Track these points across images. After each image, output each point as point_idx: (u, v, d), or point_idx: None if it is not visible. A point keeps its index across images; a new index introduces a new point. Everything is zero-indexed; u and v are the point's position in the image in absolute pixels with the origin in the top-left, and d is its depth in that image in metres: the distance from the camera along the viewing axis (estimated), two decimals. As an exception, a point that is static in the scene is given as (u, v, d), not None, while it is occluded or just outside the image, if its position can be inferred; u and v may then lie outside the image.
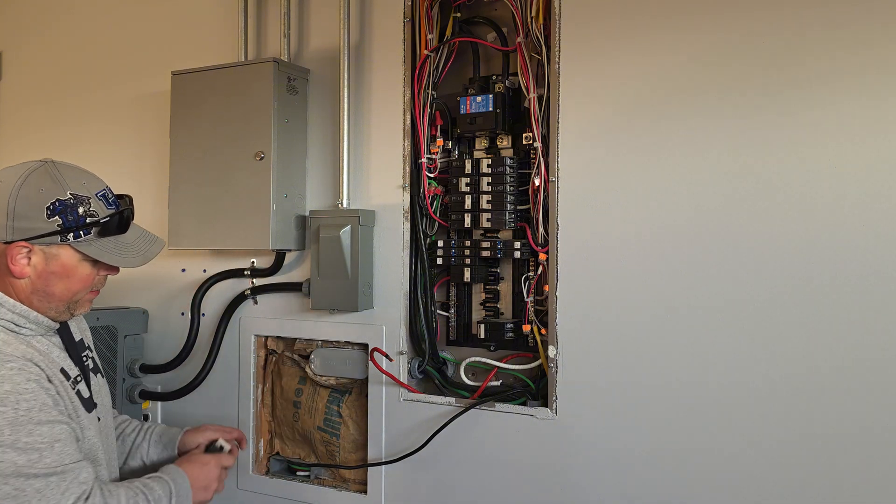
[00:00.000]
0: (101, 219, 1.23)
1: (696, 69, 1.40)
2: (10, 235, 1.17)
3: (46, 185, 1.19)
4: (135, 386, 1.95)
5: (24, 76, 2.38)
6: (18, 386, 1.09)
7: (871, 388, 1.26)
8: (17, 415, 1.08)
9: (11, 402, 1.08)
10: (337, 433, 1.81)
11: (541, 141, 1.55)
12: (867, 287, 1.26)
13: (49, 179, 1.19)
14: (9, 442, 1.06)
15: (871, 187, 1.26)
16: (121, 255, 1.26)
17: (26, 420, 1.08)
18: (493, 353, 1.66)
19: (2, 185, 1.18)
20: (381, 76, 1.74)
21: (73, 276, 1.23)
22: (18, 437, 1.07)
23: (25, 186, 1.17)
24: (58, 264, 1.21)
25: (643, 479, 1.43)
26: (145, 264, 1.30)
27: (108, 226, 1.24)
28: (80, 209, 1.20)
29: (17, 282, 1.20)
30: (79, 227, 1.20)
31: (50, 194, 1.18)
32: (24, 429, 1.08)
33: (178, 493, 1.31)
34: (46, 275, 1.21)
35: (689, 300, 1.40)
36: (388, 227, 1.72)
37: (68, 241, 1.20)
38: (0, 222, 1.17)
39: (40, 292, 1.22)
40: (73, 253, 1.22)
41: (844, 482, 1.28)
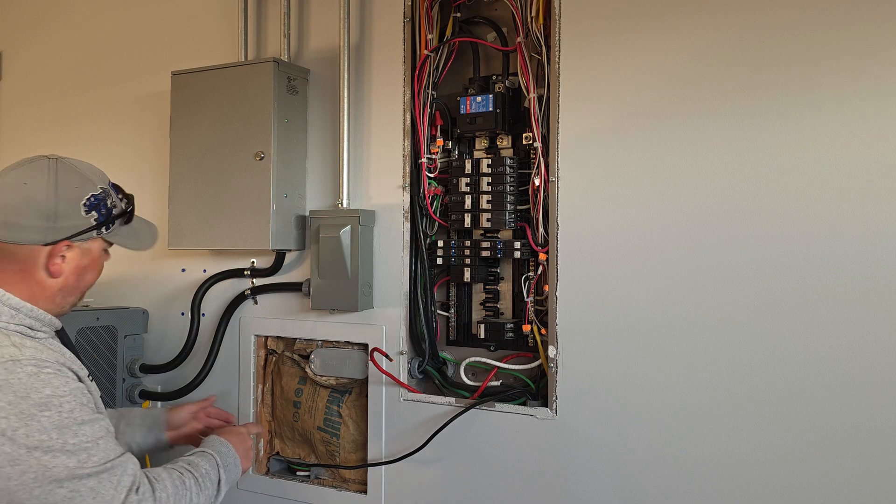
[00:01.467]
0: (126, 209, 1.26)
1: (696, 69, 1.40)
2: (52, 237, 1.16)
3: (78, 182, 1.19)
4: (135, 386, 1.95)
5: (24, 76, 2.38)
6: (58, 389, 1.08)
7: (871, 386, 1.26)
8: (61, 417, 1.07)
9: (55, 405, 1.07)
10: (337, 433, 1.81)
11: (541, 141, 1.55)
12: (867, 286, 1.26)
13: (76, 175, 1.19)
14: (58, 446, 1.05)
15: (870, 187, 1.26)
16: (138, 240, 1.30)
17: (70, 421, 1.07)
18: (493, 353, 1.66)
19: (29, 187, 1.15)
20: (381, 76, 1.74)
21: (96, 267, 1.26)
22: (66, 440, 1.06)
23: (61, 185, 1.17)
24: (90, 258, 1.23)
25: (643, 478, 1.44)
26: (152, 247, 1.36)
27: (129, 215, 1.28)
28: (108, 201, 1.23)
29: (47, 282, 1.19)
30: (109, 219, 1.23)
31: (85, 190, 1.19)
32: (70, 430, 1.07)
33: (226, 464, 1.31)
34: (80, 270, 1.22)
35: (688, 300, 1.40)
36: (388, 227, 1.72)
37: (102, 233, 1.22)
38: (39, 225, 1.15)
39: (70, 288, 1.22)
40: (101, 244, 1.25)
41: (845, 481, 1.28)
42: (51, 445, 1.04)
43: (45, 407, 1.06)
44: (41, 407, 1.05)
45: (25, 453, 1.03)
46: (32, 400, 1.05)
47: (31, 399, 1.05)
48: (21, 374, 1.06)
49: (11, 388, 1.05)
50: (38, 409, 1.05)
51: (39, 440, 1.04)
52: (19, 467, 1.03)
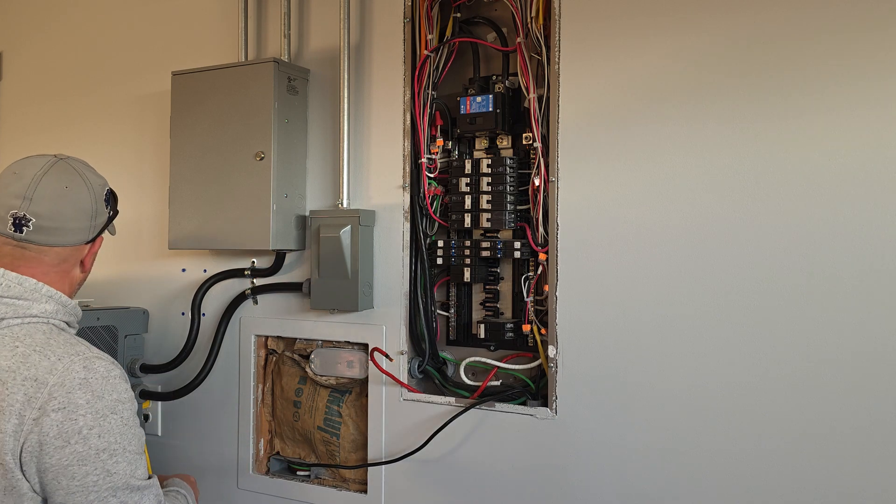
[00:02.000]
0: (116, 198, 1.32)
1: (695, 70, 1.40)
2: (92, 234, 1.24)
3: (99, 180, 1.26)
4: (135, 386, 1.95)
5: (24, 76, 2.38)
6: (122, 394, 1.11)
7: (871, 386, 1.26)
8: (122, 422, 1.10)
9: (120, 410, 1.10)
10: (337, 433, 1.82)
11: (541, 141, 1.56)
12: (867, 286, 1.27)
13: (93, 173, 1.25)
14: (120, 449, 1.08)
15: (870, 187, 1.27)
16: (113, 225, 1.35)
17: (128, 428, 1.11)
18: (493, 353, 1.66)
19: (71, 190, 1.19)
20: (381, 76, 1.74)
21: None
22: (125, 446, 1.09)
23: (93, 185, 1.22)
24: (99, 247, 1.29)
25: (643, 478, 1.44)
26: None
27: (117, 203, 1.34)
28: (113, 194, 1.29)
29: (78, 276, 1.25)
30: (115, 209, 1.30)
31: (104, 187, 1.26)
32: (128, 436, 1.10)
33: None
34: (93, 260, 1.29)
35: (688, 300, 1.40)
36: (388, 227, 1.72)
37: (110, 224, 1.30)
38: (86, 225, 1.21)
39: (84, 278, 1.29)
40: None
41: (845, 481, 1.28)
42: (115, 448, 1.07)
43: (113, 410, 1.09)
44: (111, 409, 1.08)
45: (94, 455, 1.06)
46: (106, 401, 1.08)
47: (105, 400, 1.08)
48: (97, 374, 1.09)
49: (90, 388, 1.08)
50: (109, 410, 1.08)
51: (108, 442, 1.07)
52: (85, 468, 1.05)
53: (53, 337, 1.13)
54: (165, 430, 2.03)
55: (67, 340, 1.13)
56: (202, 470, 1.95)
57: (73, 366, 1.08)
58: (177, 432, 2.01)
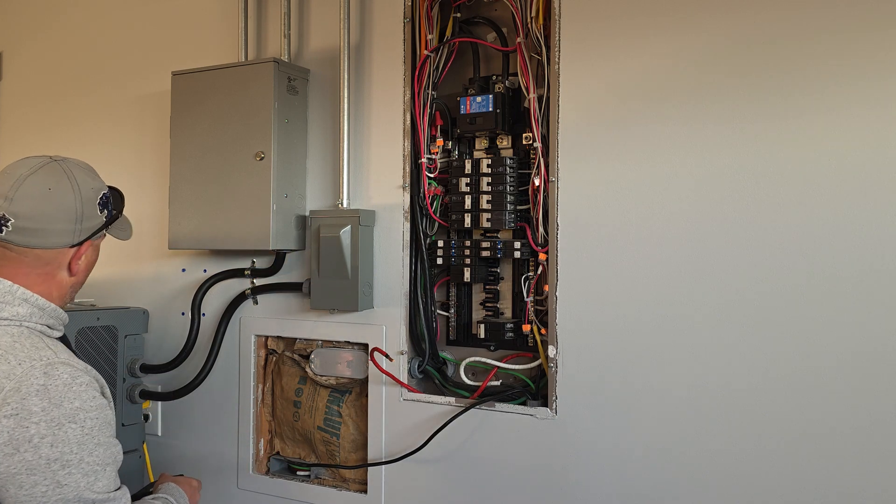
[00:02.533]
0: (121, 204, 1.30)
1: (695, 70, 1.40)
2: (78, 238, 1.19)
3: (93, 183, 1.22)
4: (135, 386, 1.95)
5: (24, 76, 2.38)
6: (86, 403, 1.08)
7: (871, 386, 1.26)
8: (82, 433, 1.06)
9: (80, 419, 1.06)
10: (337, 433, 1.82)
11: (541, 141, 1.56)
12: (867, 285, 1.27)
13: (88, 176, 1.22)
14: (75, 461, 1.05)
15: (870, 186, 1.26)
16: (124, 231, 1.33)
17: (89, 440, 1.07)
18: (493, 353, 1.66)
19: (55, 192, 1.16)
20: (381, 76, 1.74)
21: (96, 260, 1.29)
22: (83, 457, 1.06)
23: (82, 188, 1.19)
24: (96, 253, 1.27)
25: (643, 478, 1.44)
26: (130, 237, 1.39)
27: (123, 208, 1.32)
28: (111, 197, 1.26)
29: (65, 280, 1.21)
30: (114, 214, 1.27)
31: (98, 189, 1.22)
32: (87, 448, 1.07)
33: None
34: (89, 266, 1.26)
35: (688, 300, 1.40)
36: (388, 227, 1.72)
37: (108, 228, 1.26)
38: (69, 228, 1.17)
39: (78, 284, 1.25)
40: (101, 238, 1.28)
41: (845, 481, 1.28)
42: (69, 460, 1.04)
43: (71, 419, 1.05)
44: (69, 418, 1.05)
45: (45, 465, 1.02)
46: (64, 410, 1.05)
47: (63, 408, 1.05)
48: (58, 381, 1.06)
49: (48, 395, 1.04)
50: (66, 419, 1.05)
51: (61, 452, 1.04)
52: (34, 478, 1.02)
53: (21, 341, 1.10)
54: (165, 430, 2.03)
55: (35, 345, 1.10)
56: (202, 470, 1.95)
57: (33, 371, 1.05)
58: (177, 432, 2.01)
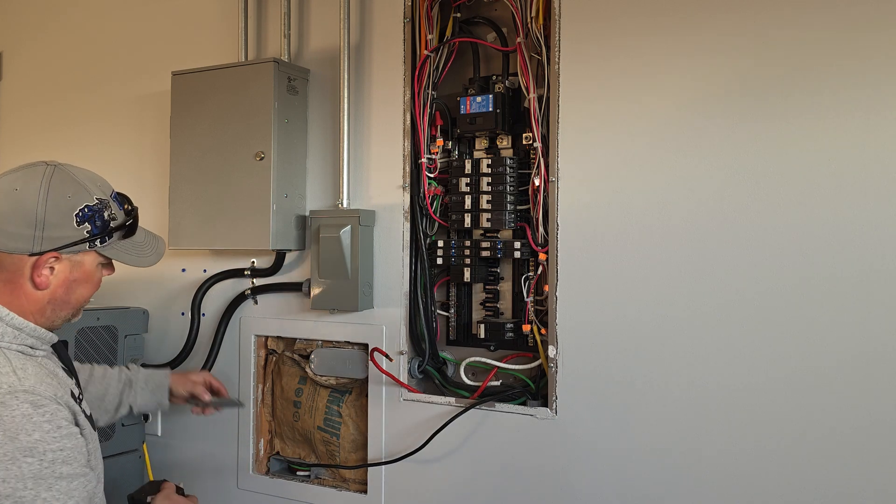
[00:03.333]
0: (124, 222, 1.20)
1: (696, 70, 1.40)
2: (38, 247, 1.10)
3: (72, 191, 1.13)
4: (135, 386, 1.95)
5: (24, 76, 2.38)
6: (47, 435, 1.04)
7: (872, 386, 1.26)
8: (41, 467, 1.02)
9: (39, 452, 1.02)
10: (337, 433, 1.81)
11: (541, 141, 1.56)
12: (867, 285, 1.26)
13: (72, 184, 1.13)
14: (30, 497, 1.01)
15: (870, 186, 1.26)
16: (138, 256, 1.24)
17: (49, 473, 1.03)
18: (493, 353, 1.66)
19: (20, 193, 1.09)
20: (381, 76, 1.74)
21: (90, 281, 1.19)
22: (39, 492, 1.02)
23: (52, 193, 1.10)
24: (81, 271, 1.17)
25: (643, 479, 1.44)
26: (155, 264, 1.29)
27: (130, 228, 1.21)
28: (105, 214, 1.16)
29: (34, 294, 1.13)
30: (104, 232, 1.16)
31: (78, 200, 1.13)
32: (45, 483, 1.02)
33: None
34: (69, 283, 1.16)
35: (688, 300, 1.40)
36: (388, 227, 1.72)
37: (95, 246, 1.16)
38: (26, 233, 1.09)
39: (58, 301, 1.16)
40: (94, 258, 1.18)
41: (845, 481, 1.28)
42: (23, 496, 1.00)
43: (29, 453, 1.01)
44: (25, 452, 1.01)
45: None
46: (20, 442, 1.01)
47: (19, 441, 1.01)
48: (16, 412, 1.02)
49: (3, 426, 1.01)
50: (21, 453, 1.01)
51: (13, 488, 1.00)
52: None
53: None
54: (165, 430, 2.03)
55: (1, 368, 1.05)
56: (202, 470, 1.95)
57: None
58: (177, 432, 2.01)
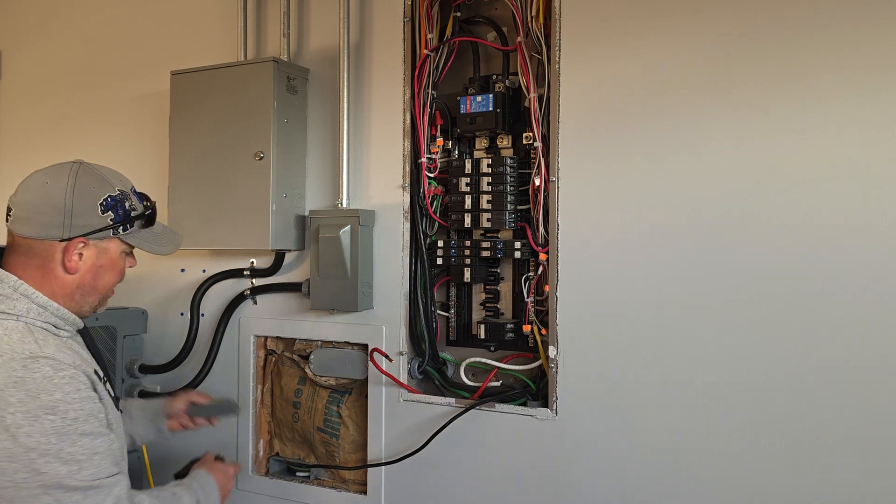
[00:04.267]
0: (144, 212, 1.31)
1: (696, 70, 1.40)
2: (67, 233, 1.21)
3: (96, 183, 1.24)
4: (134, 386, 1.95)
5: (24, 76, 2.38)
6: (68, 395, 1.11)
7: (872, 387, 1.26)
8: (63, 424, 1.09)
9: (61, 411, 1.09)
10: (336, 434, 1.81)
11: (541, 141, 1.55)
12: (867, 288, 1.26)
13: (96, 178, 1.25)
14: (54, 451, 1.07)
15: (870, 186, 1.26)
16: (158, 244, 1.34)
17: (71, 430, 1.10)
18: (493, 354, 1.66)
19: (49, 186, 1.21)
20: (381, 76, 1.74)
21: (115, 268, 1.29)
22: (62, 447, 1.08)
23: (78, 185, 1.22)
24: (107, 257, 1.27)
25: (643, 479, 1.43)
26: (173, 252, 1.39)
27: (149, 218, 1.32)
28: (126, 204, 1.27)
29: (65, 278, 1.23)
30: (126, 220, 1.27)
31: (102, 191, 1.25)
32: (69, 439, 1.09)
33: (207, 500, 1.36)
34: (96, 269, 1.26)
35: (689, 300, 1.39)
36: (388, 227, 1.72)
37: (118, 234, 1.26)
38: (56, 221, 1.20)
39: (86, 287, 1.26)
40: (118, 245, 1.28)
41: (846, 482, 1.27)
42: (47, 449, 1.07)
43: (51, 411, 1.08)
44: (47, 410, 1.08)
45: (23, 452, 1.06)
46: (41, 401, 1.08)
47: (41, 400, 1.08)
48: (37, 374, 1.09)
49: (25, 387, 1.08)
50: (44, 411, 1.08)
51: (38, 442, 1.07)
52: (14, 465, 1.06)
53: (10, 334, 1.13)
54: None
55: (23, 339, 1.13)
56: (201, 470, 1.94)
57: (12, 364, 1.09)
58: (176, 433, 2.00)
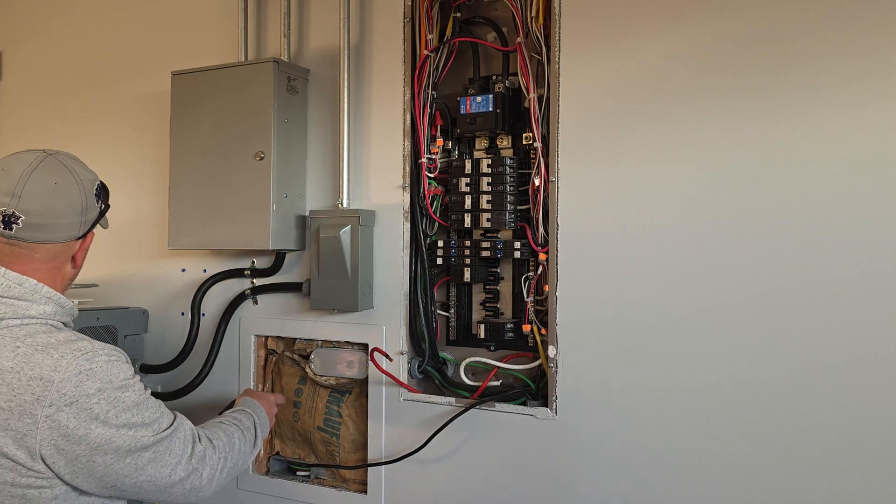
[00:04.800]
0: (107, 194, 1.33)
1: (696, 70, 1.40)
2: (83, 230, 1.25)
3: (87, 174, 1.26)
4: (135, 386, 1.95)
5: (24, 76, 2.38)
6: (128, 373, 1.19)
7: (873, 385, 1.26)
8: (136, 396, 1.18)
9: (130, 386, 1.18)
10: (337, 433, 1.81)
11: (541, 141, 1.55)
12: (868, 287, 1.26)
13: (82, 167, 1.26)
14: (139, 420, 1.17)
15: (870, 186, 1.26)
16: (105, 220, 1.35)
17: (143, 398, 1.19)
18: (493, 353, 1.66)
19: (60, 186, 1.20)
20: (381, 76, 1.74)
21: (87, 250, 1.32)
22: (143, 414, 1.18)
23: (82, 180, 1.23)
24: (90, 241, 1.30)
25: (643, 479, 1.44)
26: None
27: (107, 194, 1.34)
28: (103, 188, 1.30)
29: (69, 272, 1.27)
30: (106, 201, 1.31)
31: (94, 181, 1.27)
32: (144, 405, 1.19)
33: (261, 422, 1.49)
34: (85, 256, 1.30)
35: (689, 299, 1.40)
36: (388, 227, 1.72)
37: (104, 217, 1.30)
38: (76, 221, 1.22)
39: (76, 275, 1.30)
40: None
41: (846, 482, 1.28)
42: (134, 422, 1.16)
43: (124, 388, 1.17)
44: (122, 389, 1.16)
45: (117, 432, 1.14)
46: (115, 384, 1.16)
47: (114, 383, 1.15)
48: (101, 363, 1.15)
49: (97, 376, 1.14)
50: (120, 391, 1.16)
51: (126, 419, 1.15)
52: (115, 443, 1.14)
53: (54, 335, 1.17)
54: (165, 430, 2.02)
55: (68, 338, 1.17)
56: (202, 470, 1.94)
57: (77, 360, 1.13)
58: (177, 432, 2.01)
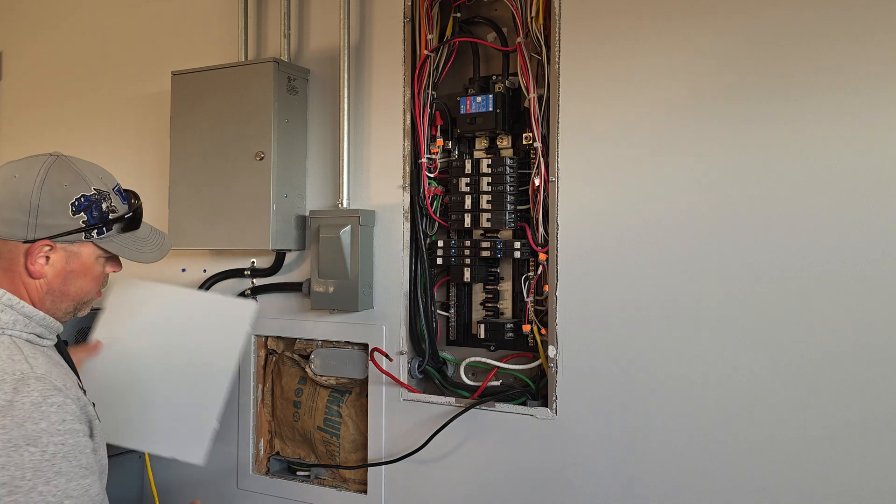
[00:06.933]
0: (124, 214, 1.19)
1: (696, 70, 1.40)
2: (32, 234, 1.10)
3: (68, 180, 1.12)
4: (135, 386, 1.94)
5: (24, 76, 2.38)
6: (52, 426, 1.02)
7: (873, 384, 1.26)
8: (42, 459, 1.00)
9: (42, 443, 1.01)
10: (337, 433, 1.81)
11: (541, 141, 1.56)
12: (869, 285, 1.26)
13: (70, 174, 1.13)
14: (26, 488, 0.99)
15: (871, 186, 1.26)
16: (140, 251, 1.22)
17: (48, 467, 1.01)
18: (493, 353, 1.66)
19: (18, 180, 1.10)
20: (381, 76, 1.74)
21: (89, 274, 1.18)
22: (35, 485, 0.99)
23: (48, 181, 1.11)
24: (78, 262, 1.16)
25: (643, 478, 1.44)
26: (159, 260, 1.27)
27: (130, 221, 1.20)
28: (103, 205, 1.15)
29: (32, 283, 1.13)
30: (103, 223, 1.15)
31: (74, 189, 1.13)
32: (43, 477, 1.00)
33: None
34: (65, 274, 1.15)
35: (688, 299, 1.40)
36: (388, 227, 1.72)
37: (92, 238, 1.15)
38: (20, 220, 1.09)
39: (56, 292, 1.15)
40: (93, 250, 1.17)
41: (846, 479, 1.28)
42: (19, 486, 0.98)
43: (32, 442, 1.00)
44: (28, 441, 1.00)
45: None
46: (25, 430, 1.00)
47: (25, 429, 1.00)
48: (26, 399, 1.01)
49: (12, 412, 1.00)
50: (25, 441, 1.00)
51: (10, 476, 0.98)
52: None
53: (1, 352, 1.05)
54: (165, 430, 2.02)
55: (13, 356, 1.05)
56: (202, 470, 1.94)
57: (3, 386, 1.01)
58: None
